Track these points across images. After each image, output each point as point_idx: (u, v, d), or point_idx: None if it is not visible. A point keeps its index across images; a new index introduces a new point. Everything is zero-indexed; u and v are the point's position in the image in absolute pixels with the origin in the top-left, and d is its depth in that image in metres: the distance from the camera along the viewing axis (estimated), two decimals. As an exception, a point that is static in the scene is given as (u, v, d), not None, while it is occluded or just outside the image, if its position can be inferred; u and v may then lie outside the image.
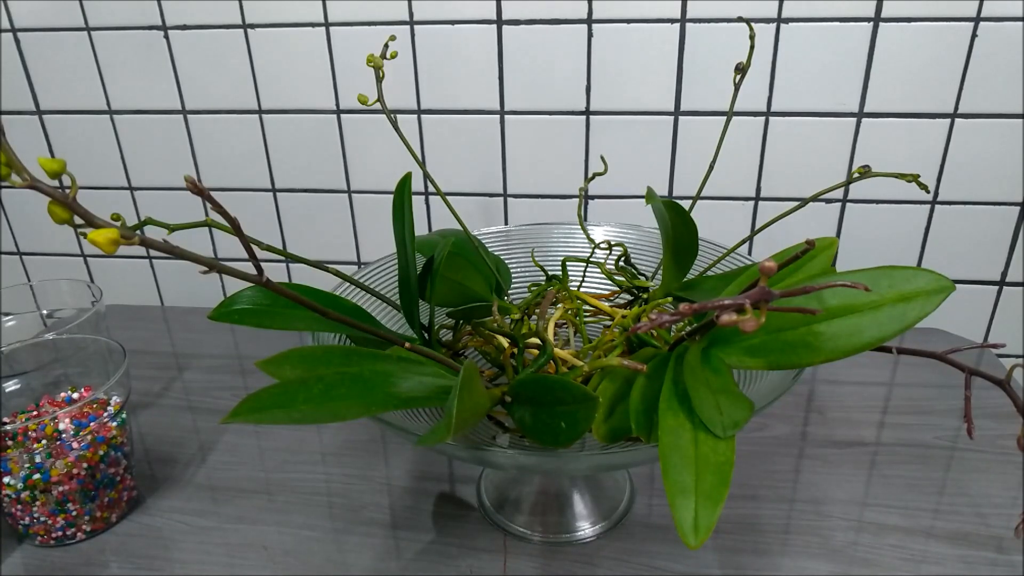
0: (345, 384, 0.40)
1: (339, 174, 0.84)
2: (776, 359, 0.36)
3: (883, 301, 0.34)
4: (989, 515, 0.54)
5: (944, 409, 0.67)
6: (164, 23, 0.79)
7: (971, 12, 0.67)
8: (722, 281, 0.52)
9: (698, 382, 0.37)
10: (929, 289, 0.33)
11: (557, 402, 0.41)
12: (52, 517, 0.53)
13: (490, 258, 0.60)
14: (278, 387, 0.40)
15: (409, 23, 0.75)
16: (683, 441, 0.34)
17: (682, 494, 0.32)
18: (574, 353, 0.53)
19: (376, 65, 0.47)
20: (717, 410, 0.35)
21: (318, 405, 0.39)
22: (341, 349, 0.44)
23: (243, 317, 0.46)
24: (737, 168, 0.77)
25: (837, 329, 0.34)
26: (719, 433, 0.34)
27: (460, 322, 0.57)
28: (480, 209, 0.83)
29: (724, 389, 0.36)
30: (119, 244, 0.26)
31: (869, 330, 0.34)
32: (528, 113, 0.78)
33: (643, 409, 0.40)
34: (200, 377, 0.77)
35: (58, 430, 0.55)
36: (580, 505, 0.57)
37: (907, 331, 0.34)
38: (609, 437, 0.41)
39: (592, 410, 0.38)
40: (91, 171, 0.89)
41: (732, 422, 0.34)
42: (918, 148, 0.73)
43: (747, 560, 0.51)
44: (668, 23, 0.71)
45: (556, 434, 0.41)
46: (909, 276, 0.34)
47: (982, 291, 0.79)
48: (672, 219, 0.49)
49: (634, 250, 0.64)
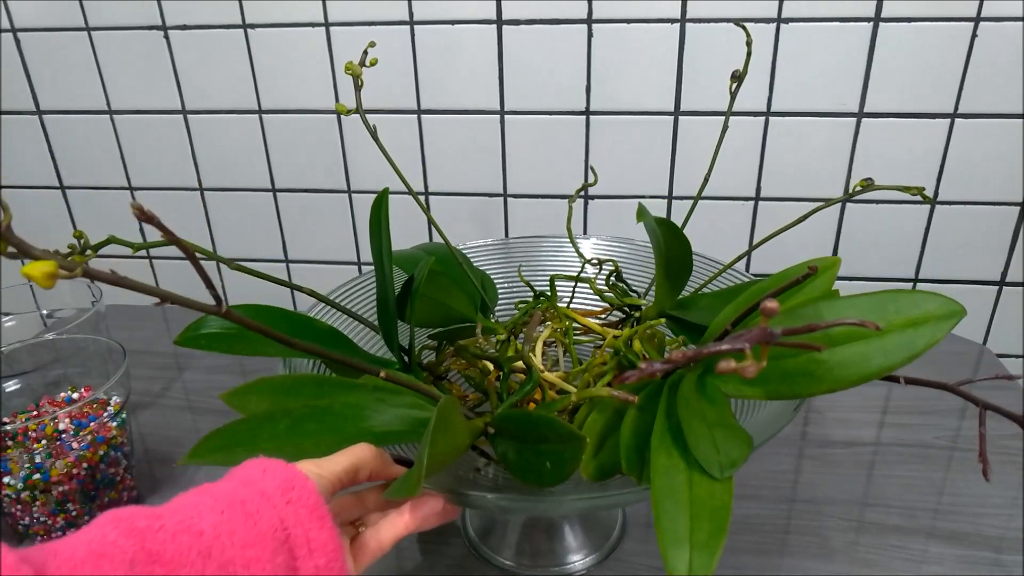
0: (314, 419, 0.38)
1: (339, 174, 0.84)
2: (776, 388, 0.34)
3: (890, 328, 0.32)
4: (989, 515, 0.54)
5: (944, 409, 0.67)
6: (164, 23, 0.79)
7: (971, 12, 0.67)
8: (718, 299, 0.49)
9: (693, 415, 0.34)
10: (939, 314, 0.32)
11: (542, 440, 0.38)
12: (52, 517, 0.53)
13: (475, 274, 0.58)
14: (242, 423, 0.38)
15: (409, 23, 0.75)
16: (677, 483, 0.32)
17: (676, 544, 0.30)
18: (563, 375, 0.50)
19: (354, 73, 0.46)
20: (713, 447, 0.33)
21: (284, 442, 0.37)
22: (312, 378, 0.42)
23: (211, 343, 0.44)
24: (737, 168, 0.77)
25: (841, 357, 0.32)
26: (716, 474, 0.32)
27: (443, 343, 0.54)
28: (480, 209, 0.83)
29: (721, 422, 0.34)
30: (56, 278, 0.24)
31: (875, 359, 0.32)
32: (528, 113, 0.78)
33: (634, 445, 0.37)
34: (200, 377, 0.77)
35: (58, 430, 0.55)
36: (570, 536, 0.54)
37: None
38: (598, 474, 0.38)
39: (579, 451, 0.36)
40: (91, 171, 0.89)
41: (729, 461, 0.32)
42: (918, 148, 0.73)
43: (747, 560, 0.51)
44: (668, 23, 0.71)
45: (541, 474, 0.38)
46: (917, 300, 0.32)
47: (982, 291, 0.79)
48: (665, 236, 0.46)
49: (627, 265, 0.62)
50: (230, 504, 0.32)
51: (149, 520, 0.30)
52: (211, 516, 0.31)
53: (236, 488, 0.33)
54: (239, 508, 0.32)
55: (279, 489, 0.33)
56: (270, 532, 0.32)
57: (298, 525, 0.32)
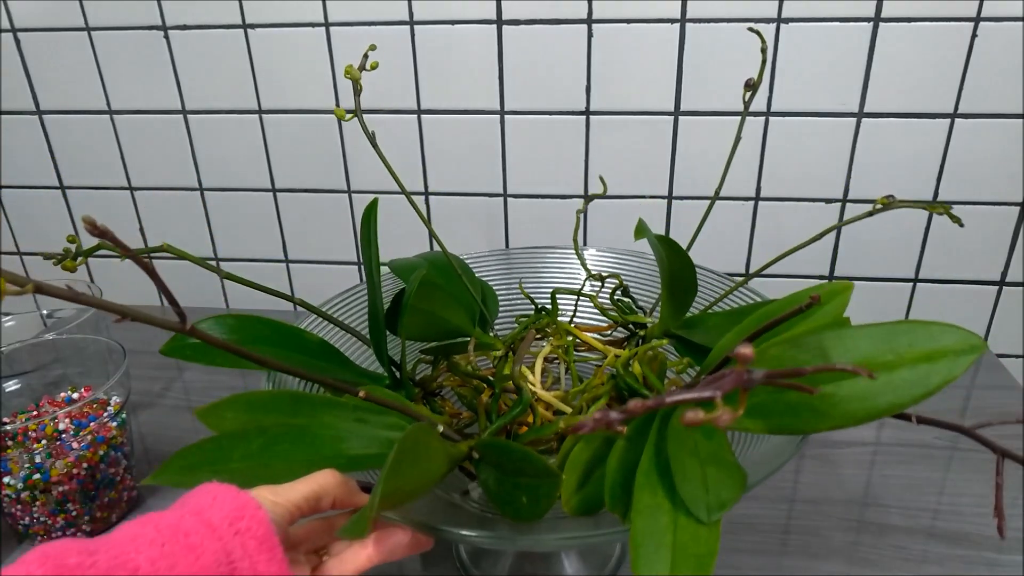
0: (289, 439, 0.37)
1: (339, 174, 0.84)
2: (778, 422, 0.31)
3: (900, 362, 0.29)
4: (989, 515, 0.54)
5: (944, 408, 0.67)
6: (164, 23, 0.79)
7: (971, 12, 0.67)
8: (727, 319, 0.47)
9: (684, 449, 0.32)
10: (956, 349, 0.29)
11: (519, 472, 0.36)
12: (52, 517, 0.53)
13: (475, 285, 0.56)
14: (213, 441, 0.36)
15: (409, 23, 0.75)
16: (659, 525, 0.30)
17: None
18: (561, 395, 0.48)
19: (353, 78, 0.44)
20: (702, 486, 0.30)
21: (256, 462, 0.36)
22: (291, 395, 0.40)
23: (195, 353, 0.42)
24: (737, 168, 0.77)
25: (848, 392, 0.30)
26: (702, 516, 0.29)
27: (439, 358, 0.53)
28: (480, 209, 0.83)
29: (714, 458, 0.32)
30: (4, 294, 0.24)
31: (884, 395, 0.29)
32: (528, 113, 0.78)
33: (620, 480, 0.34)
34: (200, 377, 0.77)
35: (58, 430, 0.55)
36: (567, 563, 0.51)
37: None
38: (581, 509, 0.36)
39: (554, 487, 0.34)
40: (91, 171, 0.89)
41: (719, 503, 0.30)
42: (918, 148, 0.73)
43: (747, 560, 0.51)
44: (668, 23, 0.71)
45: (518, 508, 0.36)
46: (934, 333, 0.30)
47: (982, 291, 0.79)
48: (668, 256, 0.44)
49: (635, 279, 0.59)
50: (173, 536, 0.30)
51: (81, 557, 0.28)
52: (150, 550, 0.30)
53: (182, 518, 0.31)
54: (182, 541, 0.30)
55: (227, 519, 0.31)
56: (213, 566, 0.30)
57: (245, 558, 0.31)
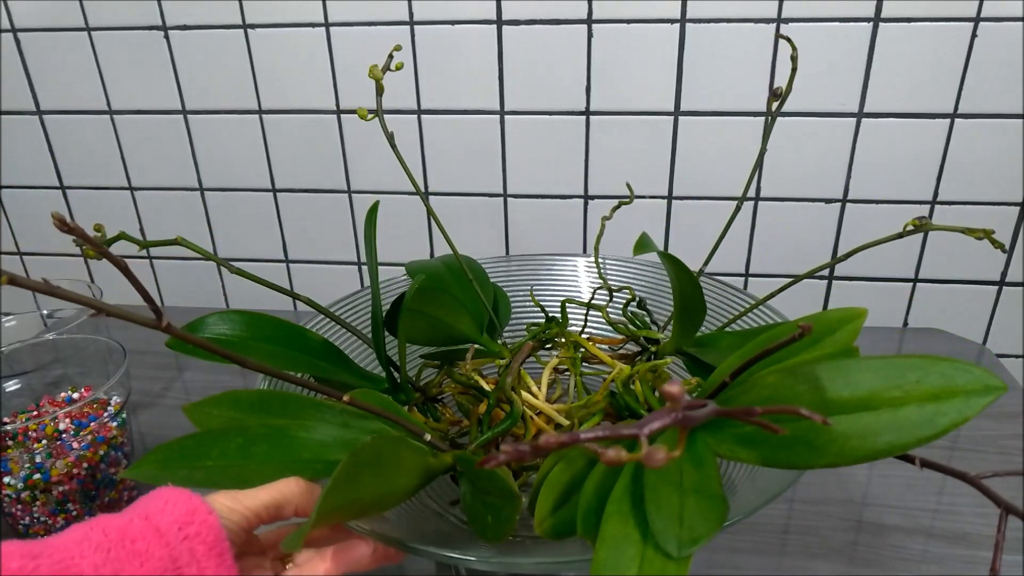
0: (268, 440, 0.36)
1: (339, 174, 0.84)
2: (771, 455, 0.29)
3: (907, 399, 0.27)
4: (989, 515, 0.54)
5: (944, 409, 0.67)
6: (164, 23, 0.79)
7: (971, 12, 0.67)
8: (740, 339, 0.46)
9: (663, 478, 0.29)
10: (970, 389, 0.26)
11: (486, 491, 0.35)
12: (52, 517, 0.53)
13: (487, 290, 0.55)
14: (193, 438, 0.36)
15: (409, 23, 0.75)
16: (624, 557, 0.28)
17: None
18: (563, 408, 0.47)
19: (376, 78, 0.44)
20: (677, 519, 0.28)
21: (232, 462, 0.35)
22: (278, 395, 0.39)
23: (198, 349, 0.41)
24: (737, 168, 0.77)
25: (846, 428, 0.27)
26: (671, 550, 0.27)
27: (444, 364, 0.52)
28: (480, 209, 0.83)
29: (699, 488, 0.29)
30: None
31: (885, 434, 0.27)
32: (528, 113, 0.78)
33: (595, 505, 0.32)
34: (200, 377, 0.77)
35: (58, 430, 0.55)
36: None
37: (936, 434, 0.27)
38: (554, 532, 0.34)
39: (514, 511, 0.33)
40: (91, 171, 0.89)
41: (691, 537, 0.27)
42: (918, 148, 0.73)
43: (747, 560, 0.51)
44: (668, 23, 0.71)
45: (484, 527, 0.35)
46: (946, 371, 0.27)
47: (982, 291, 0.79)
48: (677, 275, 0.43)
49: (650, 293, 0.58)
50: (119, 541, 0.30)
51: (23, 561, 0.28)
52: (94, 556, 0.29)
53: (130, 522, 0.31)
54: (128, 546, 0.30)
55: (177, 523, 0.31)
56: (159, 571, 0.30)
57: (193, 563, 0.30)
